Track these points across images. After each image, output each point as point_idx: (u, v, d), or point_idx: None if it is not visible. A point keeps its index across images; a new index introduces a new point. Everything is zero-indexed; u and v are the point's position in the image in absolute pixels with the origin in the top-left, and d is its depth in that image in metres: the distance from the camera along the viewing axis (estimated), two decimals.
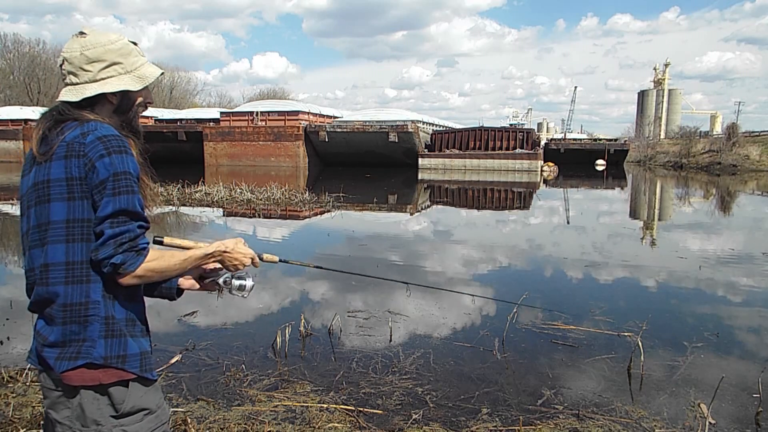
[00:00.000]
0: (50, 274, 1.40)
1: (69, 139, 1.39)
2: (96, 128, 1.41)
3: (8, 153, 48.74)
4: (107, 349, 1.41)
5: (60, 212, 1.39)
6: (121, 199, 1.38)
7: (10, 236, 10.59)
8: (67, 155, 1.38)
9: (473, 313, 5.63)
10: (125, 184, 1.39)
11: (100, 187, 1.37)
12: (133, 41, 1.55)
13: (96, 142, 1.38)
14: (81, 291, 1.40)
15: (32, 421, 3.15)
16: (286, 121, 40.76)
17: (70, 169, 1.38)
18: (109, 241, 1.37)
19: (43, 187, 1.41)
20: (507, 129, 43.41)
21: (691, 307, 5.98)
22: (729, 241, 10.57)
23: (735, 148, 44.16)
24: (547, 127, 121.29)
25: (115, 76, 1.49)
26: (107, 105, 1.51)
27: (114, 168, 1.38)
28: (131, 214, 1.40)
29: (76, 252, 1.39)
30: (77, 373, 1.40)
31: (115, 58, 1.48)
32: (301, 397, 3.59)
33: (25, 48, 73.10)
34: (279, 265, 1.84)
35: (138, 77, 1.53)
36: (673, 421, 3.37)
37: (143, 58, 1.56)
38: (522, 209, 17.65)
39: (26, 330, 4.82)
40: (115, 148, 1.39)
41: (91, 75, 1.46)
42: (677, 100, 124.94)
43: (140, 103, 1.57)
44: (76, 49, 1.46)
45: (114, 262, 1.37)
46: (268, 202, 15.67)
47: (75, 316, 1.39)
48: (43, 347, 1.42)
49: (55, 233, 1.39)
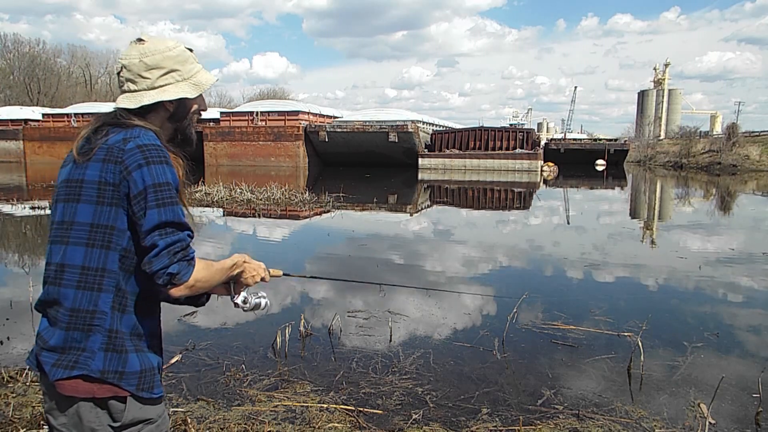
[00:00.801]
0: (64, 276, 1.38)
1: (110, 143, 1.38)
2: (138, 135, 1.39)
3: (8, 153, 48.71)
4: (105, 363, 1.37)
5: (86, 214, 1.37)
6: (166, 211, 1.36)
7: (9, 236, 10.58)
8: (105, 159, 1.37)
9: (473, 313, 5.63)
10: (168, 195, 1.37)
11: (139, 197, 1.35)
12: (189, 48, 1.53)
13: (135, 150, 1.36)
14: (90, 298, 1.37)
15: (32, 421, 3.15)
16: (286, 121, 40.77)
17: (104, 174, 1.36)
18: (163, 251, 1.35)
19: (76, 186, 1.40)
20: (507, 129, 43.41)
21: (691, 307, 5.98)
22: (729, 241, 10.57)
23: (735, 148, 44.15)
24: (547, 127, 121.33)
25: (173, 83, 1.48)
26: (162, 112, 1.50)
27: (154, 179, 1.35)
28: (177, 224, 1.38)
29: (94, 258, 1.37)
30: (71, 384, 1.36)
31: (173, 65, 1.48)
32: (301, 397, 3.59)
33: (25, 48, 73.07)
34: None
35: (194, 84, 1.51)
36: (673, 421, 3.37)
37: (198, 65, 1.55)
38: (522, 209, 17.64)
39: (26, 330, 4.82)
40: (154, 158, 1.37)
41: (150, 82, 1.45)
42: (677, 100, 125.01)
43: (195, 111, 1.57)
44: (135, 56, 1.45)
45: (171, 271, 1.35)
46: (268, 202, 15.67)
47: (80, 323, 1.36)
48: (42, 350, 1.40)
49: (77, 234, 1.38)
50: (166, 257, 1.35)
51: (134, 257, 1.41)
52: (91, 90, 77.46)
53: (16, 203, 15.35)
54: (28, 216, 12.99)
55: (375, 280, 6.94)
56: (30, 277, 5.80)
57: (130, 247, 1.40)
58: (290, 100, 64.91)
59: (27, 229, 11.14)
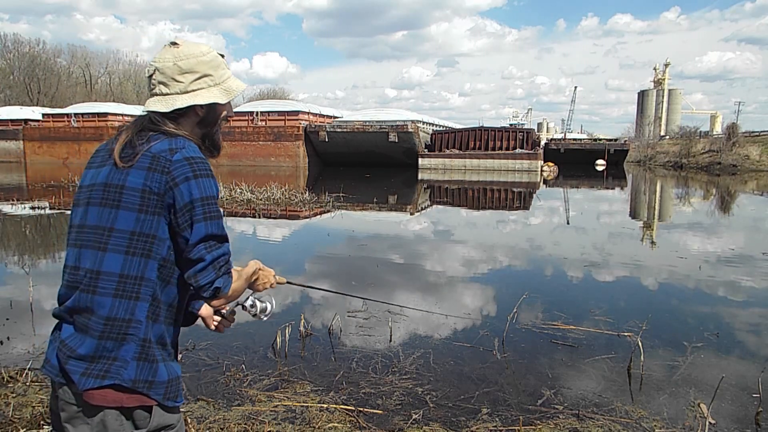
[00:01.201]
0: (100, 283, 1.35)
1: (155, 151, 1.37)
2: (184, 146, 1.40)
3: (8, 153, 48.71)
4: (138, 373, 1.36)
5: (127, 222, 1.35)
6: (213, 224, 1.40)
7: (9, 236, 10.58)
8: (151, 167, 1.36)
9: (473, 313, 5.63)
10: (214, 209, 1.41)
11: (185, 210, 1.36)
12: (220, 53, 1.53)
13: (183, 162, 1.37)
14: (127, 307, 1.35)
15: (32, 421, 3.15)
16: (286, 121, 40.77)
17: (149, 182, 1.35)
18: (209, 266, 1.39)
19: (116, 191, 1.37)
20: (507, 129, 43.41)
21: (691, 307, 5.98)
22: (729, 241, 10.57)
23: (735, 148, 44.15)
24: (547, 127, 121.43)
25: (205, 88, 1.48)
26: (193, 117, 1.50)
27: (202, 192, 1.38)
28: (221, 237, 1.42)
29: (133, 266, 1.35)
30: (101, 393, 1.34)
31: (206, 70, 1.48)
32: (301, 397, 3.59)
33: (25, 48, 73.09)
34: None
35: (225, 90, 1.52)
36: (673, 421, 3.37)
37: (229, 71, 1.55)
38: (522, 209, 17.64)
39: (26, 330, 4.83)
40: (202, 172, 1.39)
41: (183, 86, 1.45)
42: (677, 100, 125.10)
43: (224, 117, 1.57)
44: (169, 59, 1.45)
45: (217, 285, 1.41)
46: (268, 202, 15.67)
47: (114, 332, 1.34)
48: (69, 359, 1.35)
49: (116, 242, 1.35)
50: (212, 271, 1.41)
51: (173, 266, 1.42)
52: (91, 90, 77.44)
53: (16, 203, 15.35)
54: (28, 216, 12.99)
55: (375, 280, 6.95)
56: (30, 277, 5.80)
57: (169, 257, 1.40)
58: (290, 100, 64.93)
59: (27, 229, 11.14)
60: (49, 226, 11.84)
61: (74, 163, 44.50)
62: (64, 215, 13.21)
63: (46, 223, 12.25)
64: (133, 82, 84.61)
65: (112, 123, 46.68)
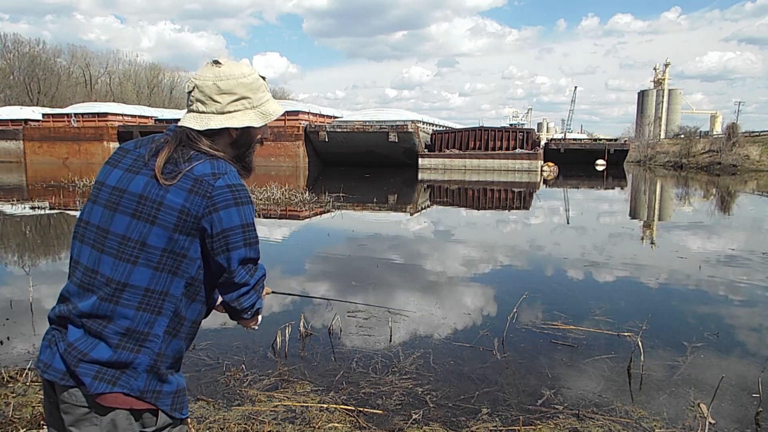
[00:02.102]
0: (125, 295, 1.36)
1: (198, 174, 1.38)
2: (227, 172, 1.42)
3: (8, 153, 48.70)
4: (147, 384, 1.38)
5: (161, 240, 1.37)
6: (252, 249, 1.45)
7: (9, 236, 10.58)
8: (192, 190, 1.37)
9: (473, 313, 5.63)
10: (254, 235, 1.46)
11: (222, 235, 1.39)
12: (262, 76, 1.53)
13: (225, 189, 1.39)
14: (148, 321, 1.37)
15: (32, 421, 3.15)
16: (286, 121, 40.76)
17: (189, 204, 1.36)
18: (252, 290, 1.49)
19: (152, 206, 1.37)
20: (507, 129, 43.41)
21: (691, 307, 5.98)
22: (729, 241, 10.57)
23: (735, 148, 44.16)
24: (547, 127, 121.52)
25: (241, 110, 1.48)
26: (227, 137, 1.50)
27: (242, 219, 1.42)
28: (256, 260, 1.49)
29: (160, 281, 1.37)
30: (112, 396, 1.36)
31: (245, 93, 1.47)
32: (301, 397, 3.59)
33: (25, 48, 73.12)
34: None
35: (262, 113, 1.52)
36: (673, 421, 3.37)
37: (268, 94, 1.55)
38: (522, 209, 17.64)
39: (26, 330, 4.83)
40: (242, 200, 1.42)
41: (220, 107, 1.45)
42: (677, 100, 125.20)
43: (258, 140, 1.58)
44: (210, 78, 1.45)
45: (258, 307, 1.54)
46: (268, 202, 15.67)
47: (131, 343, 1.36)
48: (80, 362, 1.35)
49: (147, 257, 1.37)
50: (255, 294, 1.51)
51: (200, 285, 1.45)
52: (91, 90, 77.49)
53: (16, 203, 15.35)
54: (28, 216, 12.99)
55: (374, 280, 6.95)
56: (30, 277, 5.80)
57: (198, 276, 1.43)
58: (290, 100, 64.98)
59: (27, 229, 11.14)
60: (49, 226, 11.84)
61: (74, 163, 44.51)
62: (64, 215, 13.21)
63: (46, 223, 12.25)
64: (133, 82, 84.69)
65: (112, 123, 46.71)
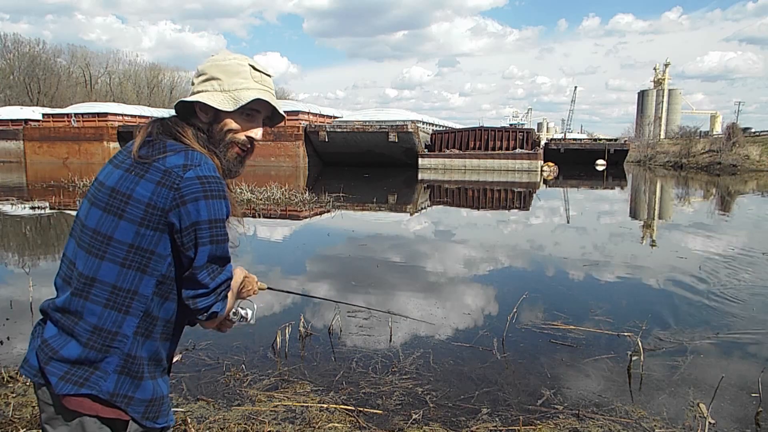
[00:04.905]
0: (93, 290, 1.32)
1: (169, 166, 1.32)
2: (200, 164, 1.33)
3: (8, 153, 48.72)
4: (117, 386, 1.32)
5: (127, 234, 1.31)
6: (218, 248, 1.35)
7: (9, 236, 10.58)
8: (160, 182, 1.31)
9: (473, 313, 5.63)
10: (222, 232, 1.36)
11: (190, 230, 1.31)
12: (261, 70, 1.47)
13: (195, 181, 1.31)
14: (115, 320, 1.32)
15: (32, 421, 3.15)
16: (286, 121, 40.64)
17: (155, 197, 1.30)
18: (212, 293, 1.37)
19: (121, 199, 1.32)
20: (507, 129, 43.42)
21: (691, 308, 5.98)
22: (729, 241, 10.57)
23: (735, 148, 44.16)
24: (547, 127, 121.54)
25: (209, 91, 1.42)
26: (198, 123, 1.44)
27: (210, 214, 1.32)
28: (223, 260, 1.38)
29: (127, 279, 1.32)
30: (77, 400, 1.31)
31: (216, 74, 1.42)
32: (301, 397, 3.59)
33: (25, 48, 73.18)
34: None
35: (233, 98, 1.41)
36: (673, 421, 3.37)
37: (250, 82, 1.44)
38: (522, 209, 17.64)
39: (26, 330, 4.82)
40: (213, 193, 1.33)
41: (194, 87, 1.46)
42: (677, 100, 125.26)
43: (233, 135, 1.46)
44: (200, 64, 1.48)
45: (215, 310, 1.39)
46: (268, 202, 15.67)
47: (99, 342, 1.31)
48: (50, 360, 1.32)
49: (114, 252, 1.32)
50: (213, 296, 1.38)
51: (173, 283, 1.37)
52: (91, 90, 77.48)
53: (16, 203, 15.35)
54: (28, 216, 12.99)
55: (373, 280, 6.95)
56: (30, 277, 5.80)
57: (170, 274, 1.36)
58: (290, 100, 65.00)
59: (27, 229, 11.14)
60: (49, 226, 11.84)
61: (74, 163, 44.51)
62: (64, 215, 13.22)
63: (46, 223, 12.25)
64: (133, 82, 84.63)
65: (112, 123, 46.71)
